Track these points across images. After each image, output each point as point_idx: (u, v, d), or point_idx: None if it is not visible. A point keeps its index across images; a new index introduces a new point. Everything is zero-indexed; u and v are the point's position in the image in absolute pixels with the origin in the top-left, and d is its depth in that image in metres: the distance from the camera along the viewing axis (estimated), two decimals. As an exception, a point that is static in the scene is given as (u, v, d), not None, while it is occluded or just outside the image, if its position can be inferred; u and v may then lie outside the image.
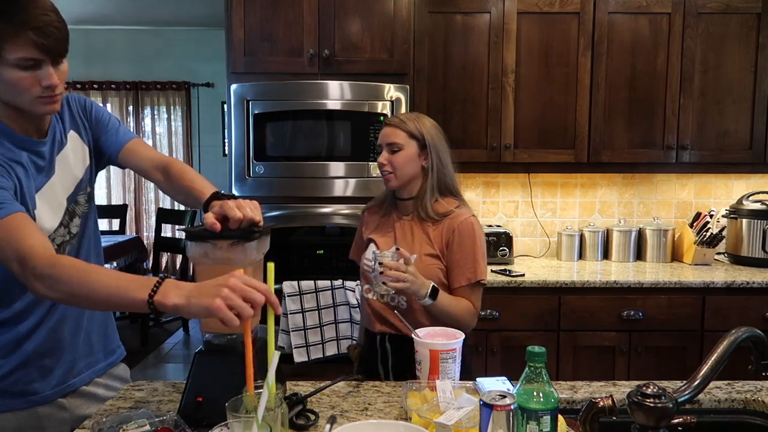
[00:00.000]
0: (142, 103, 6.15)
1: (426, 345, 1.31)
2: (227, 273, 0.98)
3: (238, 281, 0.96)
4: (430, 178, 1.67)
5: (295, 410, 1.17)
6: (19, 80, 1.12)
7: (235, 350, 1.19)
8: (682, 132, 2.81)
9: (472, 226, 1.66)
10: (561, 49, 2.79)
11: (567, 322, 2.57)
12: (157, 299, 0.97)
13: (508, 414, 0.88)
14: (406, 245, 1.65)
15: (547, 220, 3.21)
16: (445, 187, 1.71)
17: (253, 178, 2.58)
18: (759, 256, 2.83)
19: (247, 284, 0.96)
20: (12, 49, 1.08)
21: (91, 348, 1.41)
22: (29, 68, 1.11)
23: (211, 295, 0.95)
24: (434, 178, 1.68)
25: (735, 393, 1.33)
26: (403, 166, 1.65)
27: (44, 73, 1.13)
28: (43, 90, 1.14)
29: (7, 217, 1.08)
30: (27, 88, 1.13)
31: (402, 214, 1.74)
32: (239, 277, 0.97)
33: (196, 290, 0.98)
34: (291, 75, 2.58)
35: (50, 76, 1.13)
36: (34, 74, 1.12)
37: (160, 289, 0.98)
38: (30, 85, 1.13)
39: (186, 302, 0.97)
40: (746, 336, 1.04)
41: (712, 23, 2.77)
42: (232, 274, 0.98)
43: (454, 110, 2.81)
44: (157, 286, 0.98)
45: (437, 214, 1.66)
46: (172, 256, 6.36)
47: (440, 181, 1.69)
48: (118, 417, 1.11)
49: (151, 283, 0.99)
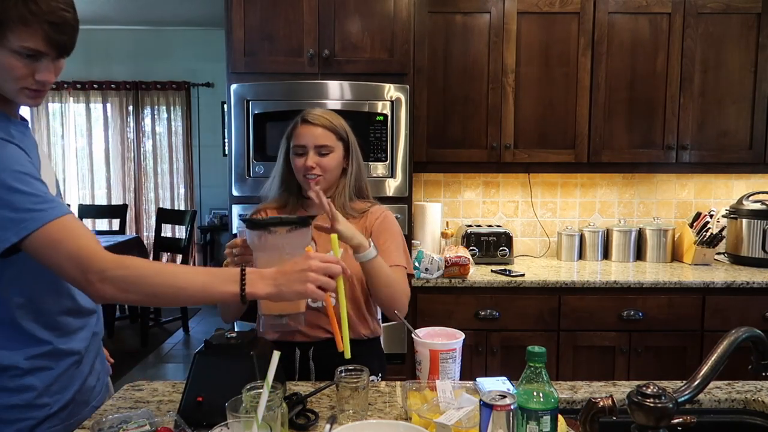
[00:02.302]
0: (142, 103, 6.15)
1: (426, 345, 1.31)
2: (283, 257, 1.10)
3: (316, 261, 1.09)
4: (348, 180, 1.61)
5: (295, 410, 1.17)
6: (14, 68, 1.06)
7: (235, 350, 1.19)
8: (682, 132, 2.81)
9: (393, 219, 1.63)
10: (561, 49, 2.79)
11: (567, 322, 2.57)
12: (249, 291, 1.06)
13: (508, 414, 0.88)
14: (327, 242, 1.58)
15: (547, 220, 3.21)
16: (359, 190, 1.65)
17: (253, 178, 2.58)
18: (759, 256, 2.83)
19: (324, 260, 1.10)
20: (19, 36, 1.03)
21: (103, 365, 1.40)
22: (29, 58, 1.06)
23: (301, 281, 1.07)
24: (351, 181, 1.62)
25: (735, 393, 1.33)
26: (333, 170, 1.57)
27: (42, 67, 1.08)
28: (34, 82, 1.09)
29: (59, 219, 1.04)
30: (19, 77, 1.07)
31: (315, 214, 1.64)
32: (316, 257, 1.10)
33: (282, 278, 1.08)
34: (291, 75, 2.58)
35: (47, 72, 1.09)
36: (31, 65, 1.07)
37: (247, 281, 1.06)
38: (23, 75, 1.07)
39: (277, 290, 1.08)
40: (746, 336, 1.04)
41: (712, 23, 2.77)
42: (308, 256, 1.10)
43: (454, 110, 2.81)
44: (243, 278, 1.06)
45: (355, 211, 1.61)
46: (172, 256, 6.35)
47: (356, 183, 1.63)
48: (118, 417, 1.11)
49: (234, 276, 1.07)
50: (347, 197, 1.61)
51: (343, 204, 1.59)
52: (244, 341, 1.21)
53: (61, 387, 1.20)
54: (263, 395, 0.91)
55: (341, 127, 1.59)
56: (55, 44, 1.07)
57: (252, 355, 1.18)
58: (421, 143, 2.79)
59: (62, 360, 1.20)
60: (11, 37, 1.03)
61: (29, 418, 1.15)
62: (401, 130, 2.57)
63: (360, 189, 1.66)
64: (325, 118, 1.58)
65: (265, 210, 1.67)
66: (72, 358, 1.22)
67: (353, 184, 1.63)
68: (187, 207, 6.29)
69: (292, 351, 1.54)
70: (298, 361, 1.54)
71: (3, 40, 1.03)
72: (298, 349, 1.55)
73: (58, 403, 1.19)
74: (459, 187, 3.18)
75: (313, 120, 1.57)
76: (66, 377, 1.21)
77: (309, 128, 1.56)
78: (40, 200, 1.04)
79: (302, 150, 1.56)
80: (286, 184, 1.65)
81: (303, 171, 1.56)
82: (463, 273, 2.57)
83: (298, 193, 1.64)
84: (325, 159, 1.56)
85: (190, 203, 6.32)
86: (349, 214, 1.59)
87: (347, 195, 1.61)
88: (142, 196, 6.24)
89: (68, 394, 1.21)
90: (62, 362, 1.20)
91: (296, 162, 1.57)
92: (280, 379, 1.24)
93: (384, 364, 1.68)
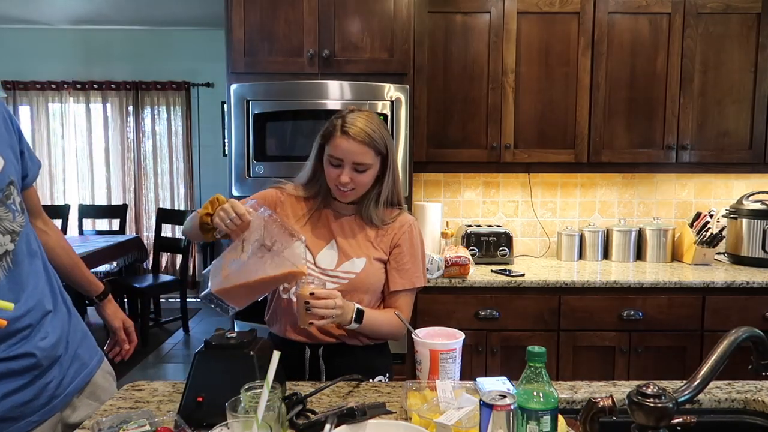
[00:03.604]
0: (142, 103, 6.14)
1: (426, 345, 1.31)
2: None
3: None
4: (382, 190, 1.55)
5: (295, 410, 1.17)
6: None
7: (235, 350, 1.19)
8: (682, 132, 2.81)
9: (418, 232, 1.61)
10: (561, 49, 2.79)
11: (567, 322, 2.57)
12: None
13: (508, 414, 0.88)
14: (350, 247, 1.55)
15: (547, 220, 3.21)
16: (391, 199, 1.59)
17: (253, 178, 2.58)
18: (759, 256, 2.83)
19: None
20: None
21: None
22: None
23: None
24: (384, 193, 1.56)
25: (735, 393, 1.33)
26: (367, 185, 1.52)
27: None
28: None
29: None
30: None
31: (340, 213, 1.60)
32: None
33: None
34: (291, 75, 2.58)
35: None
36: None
37: None
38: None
39: None
40: (746, 336, 1.04)
41: (712, 23, 2.77)
42: None
43: (454, 110, 2.81)
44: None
45: (381, 220, 1.57)
46: (172, 256, 6.36)
47: (391, 193, 1.58)
48: (118, 417, 1.11)
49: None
50: (376, 206, 1.56)
51: (369, 213, 1.56)
52: (244, 341, 1.21)
53: None
54: (263, 395, 0.91)
55: (381, 140, 1.49)
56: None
57: (252, 355, 1.18)
58: (421, 143, 2.79)
59: None
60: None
61: None
62: (401, 130, 2.57)
63: (392, 197, 1.60)
64: (366, 133, 1.46)
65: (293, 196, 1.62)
66: None
67: (386, 195, 1.57)
68: (187, 207, 6.29)
69: (302, 351, 1.54)
70: (308, 360, 1.55)
71: None
72: (308, 348, 1.55)
73: None
74: (459, 187, 3.18)
75: (355, 135, 1.45)
76: None
77: (349, 142, 1.45)
78: None
79: (338, 162, 1.48)
80: (317, 179, 1.60)
81: (336, 182, 1.50)
82: (463, 273, 2.57)
83: (327, 191, 1.59)
84: (361, 176, 1.49)
85: (190, 203, 6.31)
86: (374, 223, 1.56)
87: (377, 204, 1.56)
88: (142, 196, 6.24)
89: None
90: None
91: (330, 172, 1.50)
92: (279, 379, 1.25)
93: (391, 364, 1.69)
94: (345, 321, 1.43)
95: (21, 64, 6.04)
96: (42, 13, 5.55)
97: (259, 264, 1.32)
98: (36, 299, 1.24)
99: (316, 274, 1.52)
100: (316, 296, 1.36)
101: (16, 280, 1.20)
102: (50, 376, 1.26)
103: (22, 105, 6.15)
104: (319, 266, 1.53)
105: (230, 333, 1.23)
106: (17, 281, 1.20)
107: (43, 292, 1.27)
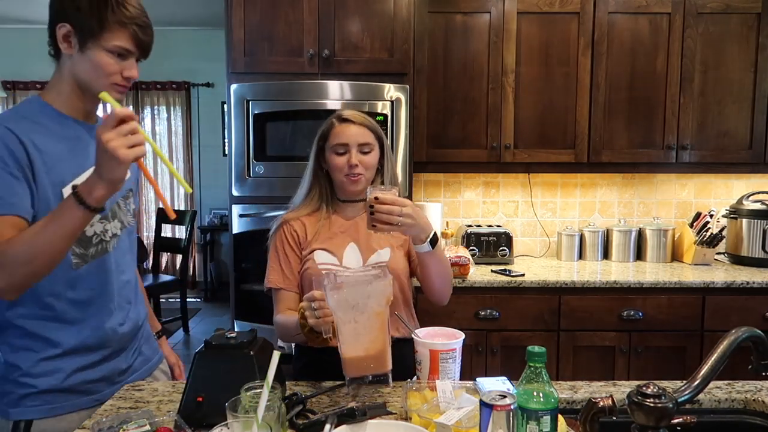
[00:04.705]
0: (142, 103, 6.15)
1: (426, 345, 1.31)
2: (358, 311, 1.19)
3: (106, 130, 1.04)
4: (384, 179, 1.61)
5: (295, 410, 1.17)
6: (106, 64, 1.23)
7: (235, 350, 1.19)
8: (682, 132, 2.81)
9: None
10: (561, 49, 2.79)
11: (567, 322, 2.57)
12: (91, 199, 1.08)
13: (508, 414, 0.88)
14: (370, 241, 1.58)
15: (547, 220, 3.21)
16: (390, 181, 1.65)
17: (253, 178, 2.58)
18: (759, 256, 2.83)
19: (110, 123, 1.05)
20: (112, 36, 1.21)
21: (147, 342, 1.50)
22: (119, 56, 1.24)
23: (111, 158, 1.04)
24: (387, 177, 1.62)
25: (735, 393, 1.33)
26: (373, 168, 1.57)
27: (129, 65, 1.26)
28: (122, 79, 1.26)
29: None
30: (111, 72, 1.24)
31: (348, 216, 1.62)
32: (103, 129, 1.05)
33: (99, 169, 1.07)
34: (291, 75, 2.58)
35: (133, 69, 1.27)
36: (120, 63, 1.24)
37: (82, 193, 1.08)
38: (113, 71, 1.24)
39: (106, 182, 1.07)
40: (746, 336, 1.04)
41: (712, 23, 2.77)
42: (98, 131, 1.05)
43: (454, 110, 2.81)
44: (79, 198, 1.08)
45: None
46: (172, 256, 6.36)
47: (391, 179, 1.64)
48: (118, 417, 1.11)
49: (68, 200, 1.09)
50: None
51: None
52: (244, 341, 1.21)
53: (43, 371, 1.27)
54: (263, 395, 0.91)
55: (375, 124, 1.60)
56: (140, 44, 1.26)
57: (252, 355, 1.18)
58: (421, 143, 2.79)
59: (46, 348, 1.27)
60: (105, 39, 1.21)
61: (12, 393, 1.27)
62: (401, 130, 2.57)
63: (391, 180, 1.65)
64: (364, 117, 1.57)
65: (297, 219, 1.62)
66: (56, 349, 1.28)
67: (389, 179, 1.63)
68: (187, 207, 6.29)
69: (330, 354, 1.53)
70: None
71: (100, 40, 1.21)
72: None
73: (41, 386, 1.27)
74: (459, 187, 3.18)
75: (353, 118, 1.55)
76: (48, 364, 1.27)
77: (349, 126, 1.54)
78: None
79: (344, 149, 1.53)
80: (318, 188, 1.62)
81: (345, 170, 1.53)
82: (463, 273, 2.57)
83: (331, 197, 1.62)
84: (367, 157, 1.55)
85: (190, 203, 6.32)
86: None
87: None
88: (143, 196, 6.24)
89: (53, 381, 1.27)
90: (46, 350, 1.27)
91: (337, 161, 1.54)
92: (279, 379, 1.25)
93: None
94: (418, 238, 1.41)
95: (21, 64, 6.04)
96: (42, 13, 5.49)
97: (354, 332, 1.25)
98: (126, 286, 1.40)
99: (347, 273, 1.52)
100: (380, 201, 1.34)
101: (121, 254, 1.38)
102: (119, 362, 1.38)
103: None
104: (348, 267, 1.55)
105: (230, 333, 1.23)
106: (122, 258, 1.38)
107: (131, 284, 1.44)
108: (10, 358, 1.27)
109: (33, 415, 1.26)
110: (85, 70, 1.24)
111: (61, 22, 1.22)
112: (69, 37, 1.23)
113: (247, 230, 2.61)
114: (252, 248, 2.62)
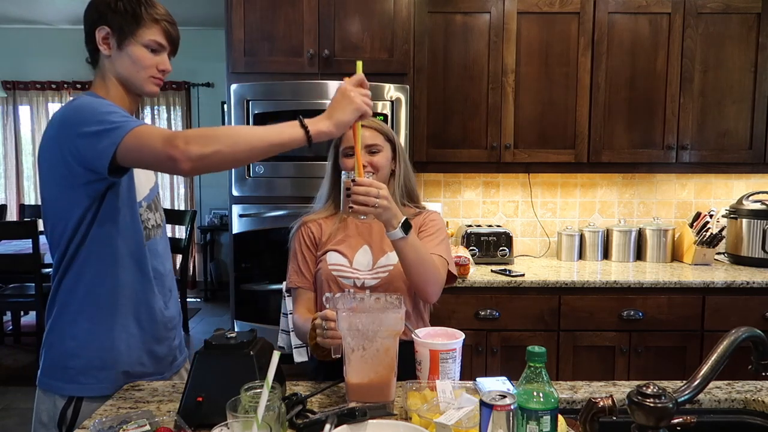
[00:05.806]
0: (142, 103, 6.14)
1: (426, 345, 1.31)
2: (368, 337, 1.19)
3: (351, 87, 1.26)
4: (398, 182, 1.65)
5: (295, 410, 1.17)
6: (144, 58, 1.36)
7: (235, 350, 1.19)
8: (682, 132, 2.81)
9: (440, 219, 1.67)
10: (561, 49, 2.79)
11: (567, 322, 2.57)
12: (313, 130, 1.22)
13: (508, 414, 0.88)
14: (382, 243, 1.61)
15: (547, 220, 3.21)
16: (409, 193, 1.69)
17: (253, 177, 2.58)
18: (759, 256, 2.83)
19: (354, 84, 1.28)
20: (147, 32, 1.35)
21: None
22: (154, 51, 1.37)
23: (350, 103, 1.24)
24: (402, 183, 1.65)
25: (735, 393, 1.33)
26: (383, 168, 1.60)
27: (163, 59, 1.39)
28: (157, 72, 1.39)
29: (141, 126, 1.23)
30: (147, 65, 1.37)
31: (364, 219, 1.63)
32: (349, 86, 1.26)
33: (334, 111, 1.24)
34: (291, 75, 2.58)
35: (167, 63, 1.40)
36: (155, 57, 1.37)
37: (308, 123, 1.22)
38: (150, 64, 1.37)
39: (335, 121, 1.24)
40: (746, 336, 1.04)
41: (712, 23, 2.77)
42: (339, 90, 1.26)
43: (454, 110, 2.81)
44: (302, 123, 1.22)
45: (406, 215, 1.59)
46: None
47: (406, 186, 1.67)
48: (118, 417, 1.11)
49: (294, 124, 1.22)
50: (398, 201, 1.61)
51: None
52: (244, 341, 1.21)
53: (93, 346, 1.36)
54: (263, 395, 0.91)
55: (388, 128, 1.64)
56: (171, 39, 1.40)
57: (252, 355, 1.18)
58: (421, 143, 2.79)
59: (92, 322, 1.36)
60: (143, 33, 1.35)
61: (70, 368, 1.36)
62: (401, 130, 2.57)
63: (410, 192, 1.69)
64: (373, 120, 1.61)
65: (315, 221, 1.67)
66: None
67: (403, 186, 1.66)
68: (187, 207, 6.29)
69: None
70: None
71: (136, 36, 1.34)
72: None
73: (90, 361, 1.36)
74: (459, 187, 3.19)
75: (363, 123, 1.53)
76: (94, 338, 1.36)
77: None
78: (123, 118, 1.25)
79: (352, 151, 1.55)
80: (336, 192, 1.66)
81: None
82: (463, 273, 2.57)
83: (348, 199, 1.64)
84: (376, 157, 1.59)
85: (190, 203, 6.32)
86: None
87: (397, 199, 1.62)
88: (142, 196, 6.24)
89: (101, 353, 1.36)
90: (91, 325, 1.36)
91: (346, 163, 1.59)
92: (279, 379, 1.25)
93: None
94: (391, 223, 1.40)
95: (21, 64, 6.04)
96: (42, 13, 5.55)
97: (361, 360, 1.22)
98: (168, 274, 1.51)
99: (356, 275, 1.57)
100: (358, 183, 1.37)
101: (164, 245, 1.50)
102: (173, 341, 1.51)
103: (22, 105, 6.15)
104: (358, 269, 1.58)
105: (230, 333, 1.23)
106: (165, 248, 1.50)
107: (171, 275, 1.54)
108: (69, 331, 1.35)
109: (85, 392, 1.35)
110: (124, 66, 1.36)
111: (100, 26, 1.34)
112: (108, 38, 1.35)
113: (248, 230, 2.61)
114: (252, 248, 2.62)
